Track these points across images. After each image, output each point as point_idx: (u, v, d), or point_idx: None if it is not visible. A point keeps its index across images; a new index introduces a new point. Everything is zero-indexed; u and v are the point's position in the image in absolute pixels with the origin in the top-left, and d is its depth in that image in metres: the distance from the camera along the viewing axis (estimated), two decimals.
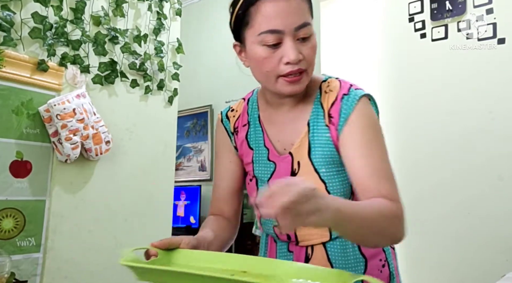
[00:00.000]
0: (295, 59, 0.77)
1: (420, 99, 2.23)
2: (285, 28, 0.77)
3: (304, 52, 0.79)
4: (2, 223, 1.52)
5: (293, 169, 0.87)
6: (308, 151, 0.85)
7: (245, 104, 0.99)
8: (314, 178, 0.84)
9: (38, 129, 1.64)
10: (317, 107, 0.87)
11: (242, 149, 0.96)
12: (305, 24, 0.78)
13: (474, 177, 2.00)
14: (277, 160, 0.89)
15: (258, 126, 0.94)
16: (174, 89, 2.25)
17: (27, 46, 1.62)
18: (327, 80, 0.90)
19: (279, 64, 0.79)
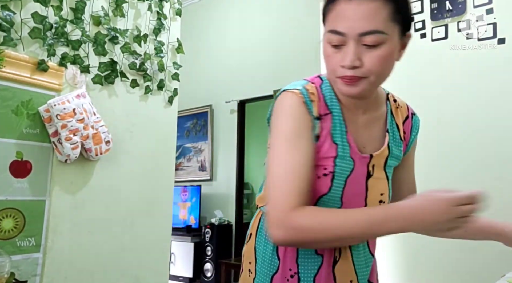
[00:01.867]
0: (349, 65, 0.75)
1: (420, 99, 2.23)
2: (349, 32, 0.75)
3: (365, 59, 0.75)
4: (2, 223, 1.52)
5: (369, 170, 0.88)
6: (386, 159, 0.90)
7: (320, 92, 0.88)
8: (384, 184, 0.90)
9: (38, 129, 1.64)
10: (392, 119, 0.93)
11: (326, 142, 0.85)
12: (372, 31, 0.73)
13: (473, 177, 2.00)
14: (356, 158, 0.86)
15: (341, 120, 0.87)
16: (174, 89, 2.25)
17: (27, 46, 1.62)
18: (389, 93, 0.96)
19: (338, 66, 0.78)
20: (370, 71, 0.76)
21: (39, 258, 1.61)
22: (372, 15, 0.74)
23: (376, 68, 0.76)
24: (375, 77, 0.78)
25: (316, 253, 0.88)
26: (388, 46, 0.76)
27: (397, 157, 0.93)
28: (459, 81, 2.10)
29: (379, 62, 0.76)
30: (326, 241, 0.76)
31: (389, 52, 0.76)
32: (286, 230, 0.75)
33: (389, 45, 0.76)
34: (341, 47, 0.77)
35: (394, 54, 0.79)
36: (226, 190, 4.16)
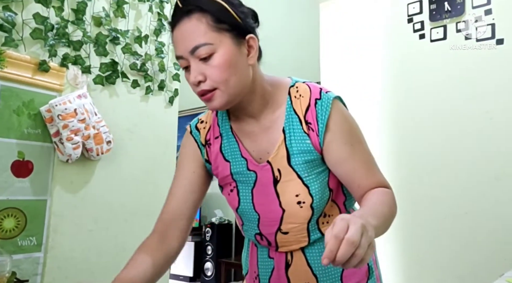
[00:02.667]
0: (193, 81, 0.79)
1: (419, 99, 2.24)
2: (183, 53, 0.80)
3: (207, 72, 0.79)
4: (4, 223, 1.53)
5: (275, 176, 0.88)
6: (287, 158, 0.86)
7: (214, 116, 0.98)
8: (297, 184, 0.86)
9: (40, 129, 1.65)
10: (290, 113, 0.87)
11: (217, 162, 0.94)
12: (197, 46, 0.77)
13: (472, 177, 2.01)
14: (257, 169, 0.89)
15: (232, 138, 0.93)
16: (175, 89, 2.26)
17: (28, 47, 1.63)
18: (294, 85, 0.90)
19: (193, 85, 0.82)
20: (215, 82, 0.79)
21: (40, 257, 1.62)
22: (192, 33, 0.78)
23: (218, 77, 0.79)
24: (224, 86, 0.80)
25: (269, 257, 0.94)
26: (221, 54, 0.78)
27: (305, 152, 0.86)
28: (458, 81, 2.11)
29: (219, 71, 0.79)
30: None
31: (225, 60, 0.79)
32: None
33: (222, 53, 0.79)
34: (189, 68, 0.81)
35: (234, 59, 0.80)
36: None
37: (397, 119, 2.30)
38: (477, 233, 1.96)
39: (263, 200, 0.89)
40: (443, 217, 2.07)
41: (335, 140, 0.85)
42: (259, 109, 0.89)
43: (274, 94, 0.89)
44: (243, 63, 0.82)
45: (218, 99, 0.81)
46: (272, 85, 0.90)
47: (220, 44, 0.79)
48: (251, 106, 0.88)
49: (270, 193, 0.88)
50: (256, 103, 0.88)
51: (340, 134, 0.85)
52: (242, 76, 0.82)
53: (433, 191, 2.12)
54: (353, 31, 2.56)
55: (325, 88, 0.88)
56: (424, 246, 2.11)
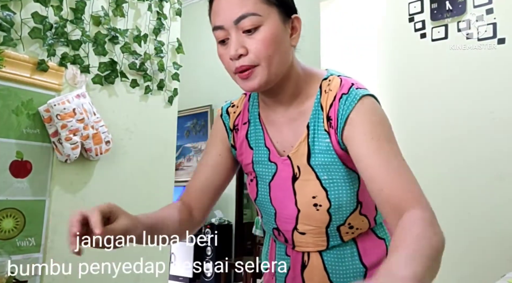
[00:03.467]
0: (234, 55, 0.74)
1: (420, 99, 2.23)
2: (224, 23, 0.74)
3: (249, 46, 0.74)
4: (2, 223, 1.52)
5: (294, 172, 0.83)
6: (307, 157, 0.81)
7: (246, 101, 0.94)
8: (315, 185, 0.81)
9: (38, 129, 1.64)
10: (317, 108, 0.81)
11: (242, 149, 0.92)
12: (244, 15, 0.73)
13: (474, 177, 2.00)
14: (278, 162, 0.85)
15: (258, 125, 0.89)
16: (174, 89, 2.25)
17: (27, 46, 1.62)
18: (328, 78, 0.83)
19: (229, 61, 0.76)
20: (257, 57, 0.74)
21: (39, 258, 1.61)
22: (242, 1, 0.73)
23: (262, 52, 0.74)
24: (266, 63, 0.75)
25: (286, 254, 0.90)
26: (268, 28, 0.74)
27: (324, 152, 0.79)
28: (459, 81, 2.10)
29: (263, 45, 0.74)
30: None
31: (271, 34, 0.74)
32: None
33: (269, 27, 0.74)
34: (227, 41, 0.76)
35: (280, 36, 0.76)
36: (226, 190, 4.09)
37: (398, 119, 2.29)
38: (479, 234, 1.95)
39: (279, 194, 0.85)
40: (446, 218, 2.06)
41: (355, 133, 0.74)
42: (289, 98, 0.83)
43: (307, 85, 0.84)
44: (287, 43, 0.78)
45: (258, 77, 0.75)
46: (306, 74, 0.85)
47: (268, 18, 0.74)
48: (283, 93, 0.82)
49: (287, 189, 0.84)
50: (289, 91, 0.82)
51: (363, 127, 0.74)
52: (285, 56, 0.78)
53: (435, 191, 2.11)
54: (354, 30, 2.55)
55: (359, 84, 0.80)
56: None
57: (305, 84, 0.84)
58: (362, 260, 0.85)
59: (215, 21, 0.76)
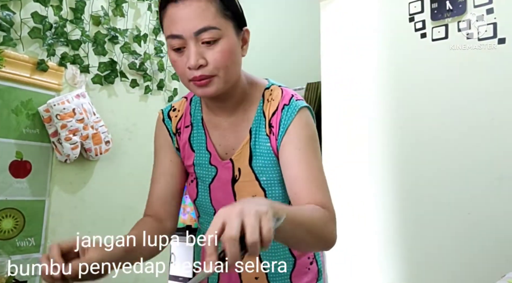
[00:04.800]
0: (195, 65, 0.76)
1: (420, 99, 2.23)
2: (184, 33, 0.76)
3: (209, 57, 0.77)
4: (2, 223, 1.52)
5: (234, 175, 0.88)
6: (249, 159, 0.86)
7: (187, 104, 0.97)
8: (254, 186, 0.86)
9: (38, 129, 1.64)
10: (260, 115, 0.88)
11: (185, 151, 0.95)
12: (206, 28, 0.75)
13: (474, 177, 2.00)
14: (219, 165, 0.89)
15: (201, 129, 0.93)
16: (174, 89, 2.25)
17: (26, 46, 1.62)
18: (270, 88, 0.89)
19: (185, 69, 0.79)
20: (216, 68, 0.78)
21: (39, 258, 1.61)
22: (201, 13, 0.75)
23: (221, 64, 0.78)
24: (223, 73, 0.79)
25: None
26: (226, 41, 0.78)
27: (265, 154, 0.86)
28: (459, 81, 2.10)
29: (222, 57, 0.77)
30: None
31: (229, 47, 0.78)
32: None
33: (227, 40, 0.78)
34: (183, 50, 0.78)
35: (235, 48, 0.80)
36: None
37: (397, 119, 2.29)
38: (479, 233, 1.95)
39: (219, 196, 0.90)
40: (445, 217, 2.06)
41: (288, 143, 0.83)
42: (234, 105, 0.88)
43: (250, 93, 0.89)
44: (239, 54, 0.82)
45: (215, 86, 0.79)
46: (249, 83, 0.90)
47: (226, 31, 0.78)
48: (229, 100, 0.87)
49: (227, 190, 0.89)
50: (234, 98, 0.87)
51: (295, 139, 0.83)
52: (237, 67, 0.83)
53: (434, 191, 2.11)
54: (354, 31, 2.54)
55: (297, 96, 0.88)
56: (426, 247, 2.10)
57: (249, 92, 0.89)
58: (291, 251, 0.91)
59: (172, 30, 0.77)
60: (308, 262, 0.92)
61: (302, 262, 0.91)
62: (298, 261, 0.91)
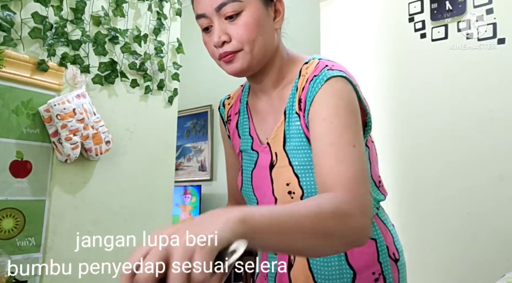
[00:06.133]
0: (218, 42, 0.75)
1: (420, 99, 2.23)
2: (206, 11, 0.75)
3: (231, 31, 0.74)
4: (2, 223, 1.52)
5: (272, 160, 0.82)
6: (283, 142, 0.80)
7: (240, 92, 0.97)
8: (288, 171, 0.79)
9: (38, 129, 1.64)
10: (293, 93, 0.80)
11: (234, 138, 0.94)
12: (225, 2, 0.73)
13: (474, 177, 2.00)
14: (259, 149, 0.86)
15: (246, 114, 0.91)
16: (174, 89, 2.25)
17: (27, 46, 1.62)
18: (309, 62, 0.80)
19: (213, 48, 0.78)
20: (240, 42, 0.75)
21: (39, 258, 1.61)
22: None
23: (245, 37, 0.74)
24: (249, 47, 0.75)
25: (274, 253, 0.87)
26: (249, 13, 0.74)
27: (296, 136, 0.78)
28: (460, 81, 2.10)
29: (245, 30, 0.74)
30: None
31: (253, 19, 0.74)
32: None
33: (250, 12, 0.74)
34: (211, 29, 0.77)
35: (262, 20, 0.76)
36: (226, 190, 4.16)
37: (397, 118, 2.29)
38: (479, 233, 1.95)
39: (260, 183, 0.85)
40: (445, 217, 2.06)
41: (314, 115, 0.72)
42: (273, 84, 0.84)
43: (289, 70, 0.83)
44: (270, 26, 0.78)
45: (241, 61, 0.76)
46: (290, 60, 0.85)
47: (249, 2, 0.75)
48: (267, 79, 0.83)
49: (266, 177, 0.83)
50: (272, 76, 0.83)
51: (323, 110, 0.71)
52: (268, 39, 0.78)
53: (435, 191, 2.11)
54: (354, 31, 2.55)
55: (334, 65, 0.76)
56: (426, 246, 2.10)
57: (288, 69, 0.84)
58: (349, 262, 0.79)
59: (197, 9, 0.77)
60: (372, 278, 0.79)
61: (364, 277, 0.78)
62: (359, 276, 0.78)
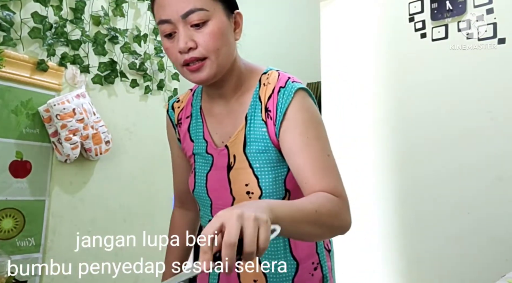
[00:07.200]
0: (184, 48, 0.76)
1: (419, 99, 2.23)
2: (171, 17, 0.76)
3: (198, 39, 0.76)
4: (2, 223, 1.52)
5: (229, 162, 0.86)
6: (243, 145, 0.85)
7: (190, 96, 0.98)
8: (247, 173, 0.84)
9: (38, 129, 1.64)
10: (255, 100, 0.85)
11: (185, 141, 0.96)
12: (192, 10, 0.75)
13: (473, 177, 2.00)
14: (214, 153, 0.89)
15: (199, 118, 0.93)
16: (174, 89, 2.25)
17: (26, 46, 1.62)
18: (267, 72, 0.87)
19: (177, 54, 0.78)
20: (206, 50, 0.77)
21: (39, 258, 1.61)
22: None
23: (211, 45, 0.77)
24: (215, 56, 0.78)
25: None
26: (215, 22, 0.77)
27: (259, 140, 0.84)
28: (460, 81, 2.10)
29: (211, 39, 0.76)
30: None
31: (219, 28, 0.77)
32: None
33: (216, 22, 0.77)
34: (174, 35, 0.78)
35: (226, 30, 0.79)
36: None
37: (398, 119, 2.29)
38: (479, 233, 1.95)
39: (216, 185, 0.88)
40: (445, 217, 2.06)
41: (289, 129, 0.80)
42: (231, 91, 0.88)
43: (247, 78, 0.88)
44: (231, 37, 0.82)
45: (207, 70, 0.78)
46: (247, 69, 0.89)
47: (214, 13, 0.77)
48: (225, 86, 0.86)
49: (223, 178, 0.87)
50: (231, 84, 0.87)
51: (296, 124, 0.79)
52: (230, 49, 0.81)
53: (434, 191, 2.11)
54: (354, 31, 2.55)
55: (294, 78, 0.85)
56: (425, 246, 2.10)
57: (246, 78, 0.88)
58: (293, 253, 0.87)
59: (161, 15, 0.78)
60: (312, 267, 0.88)
61: (305, 267, 0.88)
62: (301, 266, 0.87)
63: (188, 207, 1.08)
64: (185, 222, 1.08)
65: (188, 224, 1.08)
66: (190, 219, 1.09)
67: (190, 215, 1.08)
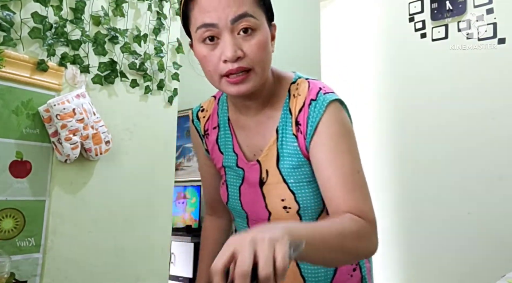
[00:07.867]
0: (232, 57, 0.70)
1: (420, 99, 2.23)
2: (219, 21, 0.70)
3: (245, 48, 0.71)
4: (2, 223, 1.52)
5: (262, 177, 0.84)
6: (276, 160, 0.82)
7: (215, 104, 0.95)
8: (283, 188, 0.81)
9: (38, 129, 1.64)
10: (286, 113, 0.81)
11: (214, 153, 0.93)
12: (243, 15, 0.69)
13: (474, 177, 2.00)
14: (246, 167, 0.86)
15: (227, 130, 0.90)
16: (174, 89, 2.25)
17: (26, 46, 1.62)
18: (296, 82, 0.83)
19: (219, 63, 0.72)
20: (253, 61, 0.72)
21: (39, 258, 1.61)
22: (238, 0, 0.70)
23: (258, 56, 0.72)
24: (260, 68, 0.74)
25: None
26: (262, 33, 0.73)
27: (292, 155, 0.81)
28: (460, 80, 2.10)
29: (259, 50, 0.72)
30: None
31: (265, 39, 0.74)
32: None
33: (262, 32, 0.74)
34: (216, 42, 0.72)
35: (269, 42, 0.76)
36: None
37: (398, 119, 2.29)
38: (479, 233, 1.95)
39: (249, 199, 0.86)
40: (446, 217, 2.06)
41: (319, 144, 0.76)
42: (261, 103, 0.84)
43: (276, 89, 0.84)
44: (271, 49, 0.79)
45: (251, 83, 0.74)
46: (275, 78, 0.85)
47: (261, 23, 0.73)
48: (256, 99, 0.82)
49: (256, 193, 0.85)
50: (262, 97, 0.82)
51: (326, 139, 0.76)
52: (270, 61, 0.78)
53: (435, 191, 2.11)
54: (354, 30, 2.55)
55: (326, 89, 0.80)
56: (426, 246, 2.10)
57: (275, 88, 0.84)
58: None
59: (204, 18, 0.71)
60: (351, 268, 0.87)
61: (344, 269, 0.86)
62: (340, 267, 0.86)
63: (219, 214, 1.07)
64: (217, 230, 1.07)
65: (220, 232, 1.07)
66: (222, 226, 1.07)
67: (221, 222, 1.07)
